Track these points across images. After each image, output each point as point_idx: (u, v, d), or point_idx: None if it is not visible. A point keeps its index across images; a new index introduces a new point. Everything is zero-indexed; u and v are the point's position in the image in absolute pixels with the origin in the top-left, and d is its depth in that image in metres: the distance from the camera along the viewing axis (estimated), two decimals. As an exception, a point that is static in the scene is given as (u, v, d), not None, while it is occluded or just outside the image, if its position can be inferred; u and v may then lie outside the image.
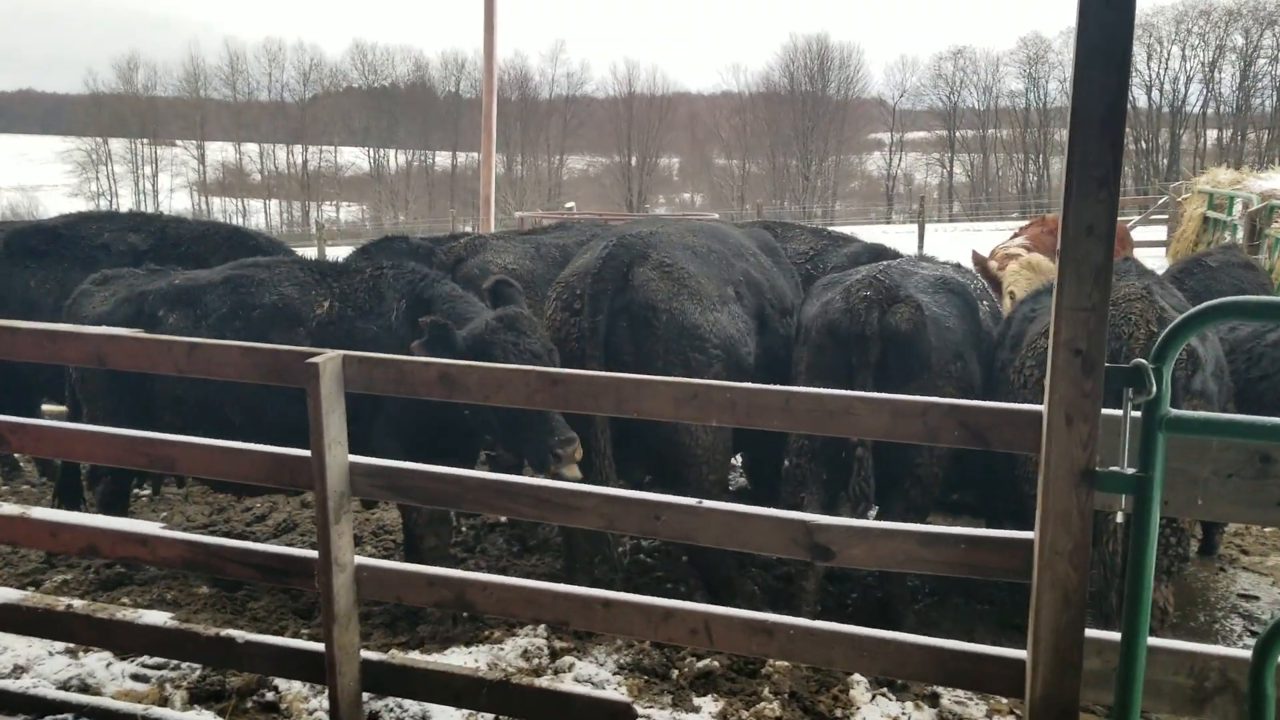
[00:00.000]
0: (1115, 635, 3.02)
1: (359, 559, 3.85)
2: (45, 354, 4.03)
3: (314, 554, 3.86)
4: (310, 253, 15.30)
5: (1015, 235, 9.73)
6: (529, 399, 3.54)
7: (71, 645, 4.86)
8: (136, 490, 7.74)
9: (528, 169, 76.88)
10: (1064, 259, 2.73)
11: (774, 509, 3.36)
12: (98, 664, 4.94)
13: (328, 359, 3.64)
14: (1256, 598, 5.92)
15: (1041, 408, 2.99)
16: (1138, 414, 2.78)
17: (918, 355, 5.14)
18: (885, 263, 5.82)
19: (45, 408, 8.24)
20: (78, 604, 4.32)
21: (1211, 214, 15.08)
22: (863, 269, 5.74)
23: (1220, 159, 64.44)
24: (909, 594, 5.60)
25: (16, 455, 8.42)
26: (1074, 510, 2.83)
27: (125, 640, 4.18)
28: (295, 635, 5.46)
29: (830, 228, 9.05)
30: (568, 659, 5.11)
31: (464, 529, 6.90)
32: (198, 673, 4.83)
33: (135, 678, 4.85)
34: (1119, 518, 2.84)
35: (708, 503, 3.39)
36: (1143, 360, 2.74)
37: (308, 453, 3.78)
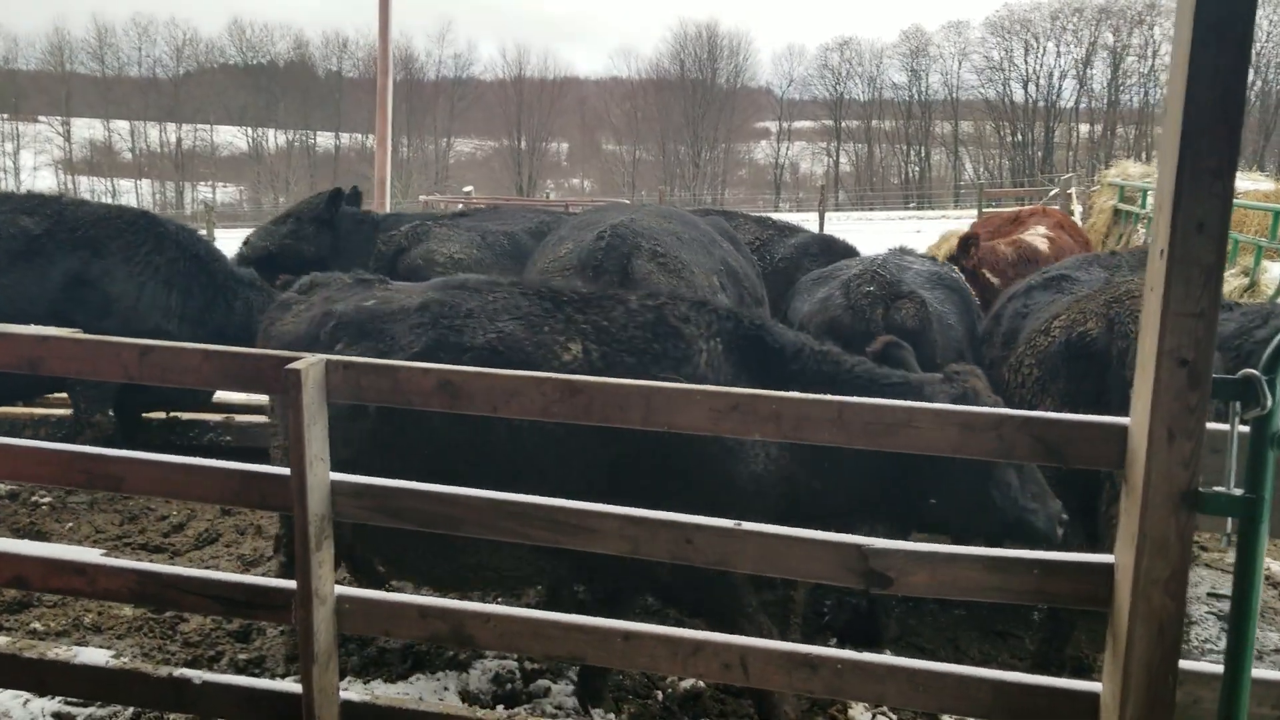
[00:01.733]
0: (1201, 665, 2.82)
1: (340, 589, 3.42)
2: (-37, 358, 3.47)
3: (288, 584, 3.42)
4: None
5: (1017, 225, 9.55)
6: (544, 410, 3.16)
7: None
8: (36, 499, 7.06)
9: (414, 151, 75.39)
10: (1171, 258, 2.49)
11: (823, 531, 3.06)
12: (13, 702, 4.37)
13: (309, 364, 3.19)
14: (1227, 596, 5.89)
15: (1126, 420, 2.76)
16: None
17: (923, 354, 4.91)
18: (876, 256, 5.58)
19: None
20: (0, 641, 3.78)
21: (1123, 206, 15.43)
22: (852, 263, 5.50)
23: (1092, 153, 67.14)
24: (889, 601, 5.39)
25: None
26: (1173, 534, 2.60)
27: (61, 684, 3.66)
28: (233, 660, 4.98)
29: (770, 216, 8.80)
30: (542, 682, 4.75)
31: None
32: (130, 711, 4.32)
33: (57, 717, 4.31)
34: (1224, 543, 2.63)
35: (746, 524, 3.07)
36: (1253, 371, 2.53)
37: (283, 471, 3.34)
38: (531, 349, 3.96)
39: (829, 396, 2.99)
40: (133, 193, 77.86)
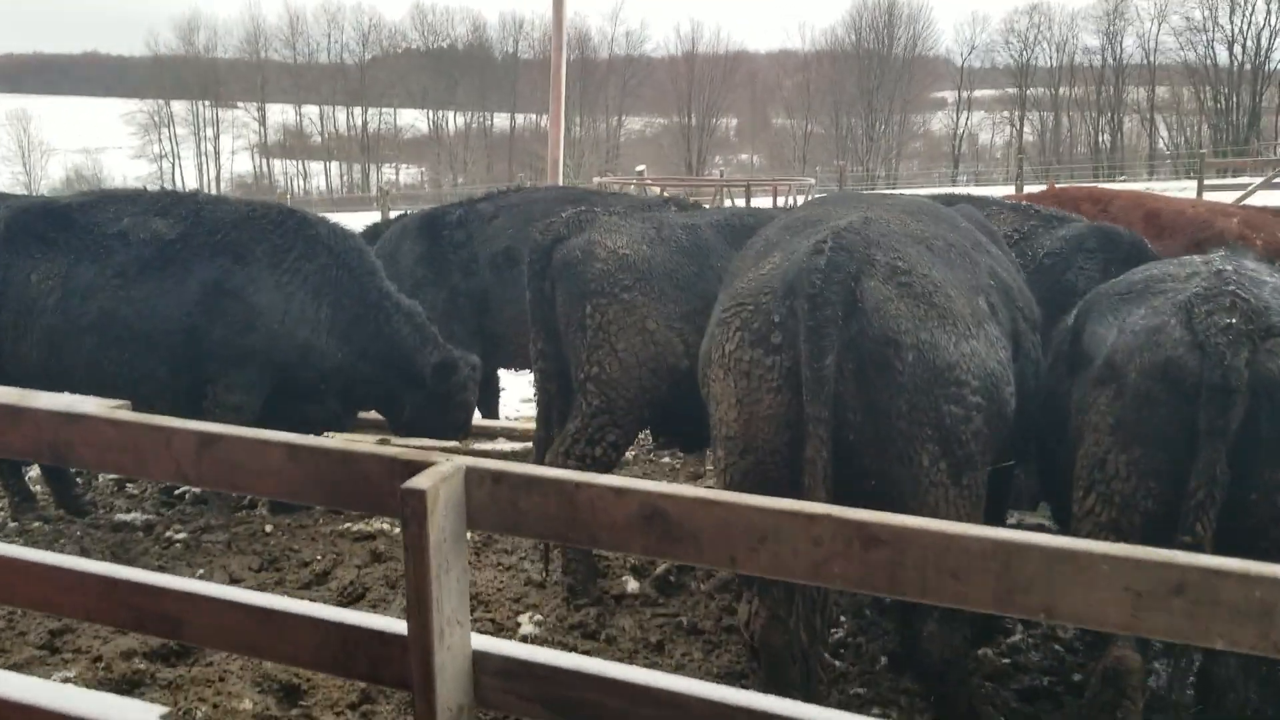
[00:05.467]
0: None
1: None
2: (-30, 440, 2.45)
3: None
4: (373, 217, 13.53)
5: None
6: (816, 569, 1.88)
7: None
8: (171, 534, 6.26)
9: (585, 130, 75.40)
10: None
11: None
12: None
13: (440, 478, 2.00)
14: None
15: None
16: None
17: None
18: (1216, 263, 3.99)
19: None
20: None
21: None
22: (1175, 271, 3.95)
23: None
24: None
25: (32, 481, 7.02)
26: None
27: None
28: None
29: (1033, 205, 7.17)
30: None
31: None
32: None
33: None
34: None
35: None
36: None
37: (399, 626, 2.18)
38: None
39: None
40: (322, 174, 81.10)
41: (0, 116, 79.90)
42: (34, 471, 7.06)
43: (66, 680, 4.56)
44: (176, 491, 7.01)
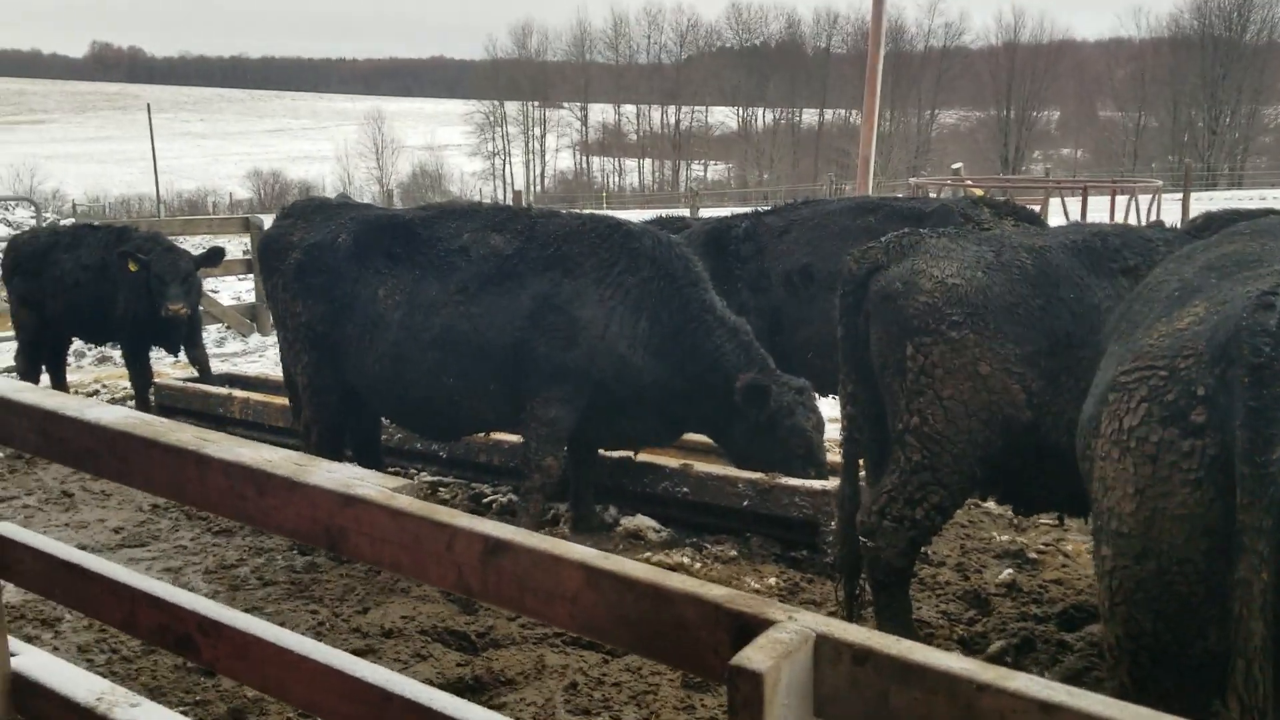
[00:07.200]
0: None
1: None
2: (237, 508, 2.18)
3: None
4: (682, 214, 13.24)
5: None
6: None
7: None
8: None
9: (896, 125, 73.09)
10: None
11: None
12: None
13: (783, 654, 1.45)
14: None
15: None
16: None
17: None
18: None
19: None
20: None
21: None
22: None
23: None
24: None
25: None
26: None
27: None
28: None
29: None
30: None
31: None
32: None
33: None
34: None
35: None
36: None
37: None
38: None
39: None
40: (635, 172, 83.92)
41: (359, 116, 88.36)
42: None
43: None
44: (485, 500, 6.93)
